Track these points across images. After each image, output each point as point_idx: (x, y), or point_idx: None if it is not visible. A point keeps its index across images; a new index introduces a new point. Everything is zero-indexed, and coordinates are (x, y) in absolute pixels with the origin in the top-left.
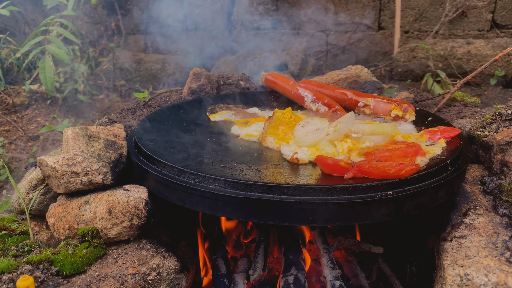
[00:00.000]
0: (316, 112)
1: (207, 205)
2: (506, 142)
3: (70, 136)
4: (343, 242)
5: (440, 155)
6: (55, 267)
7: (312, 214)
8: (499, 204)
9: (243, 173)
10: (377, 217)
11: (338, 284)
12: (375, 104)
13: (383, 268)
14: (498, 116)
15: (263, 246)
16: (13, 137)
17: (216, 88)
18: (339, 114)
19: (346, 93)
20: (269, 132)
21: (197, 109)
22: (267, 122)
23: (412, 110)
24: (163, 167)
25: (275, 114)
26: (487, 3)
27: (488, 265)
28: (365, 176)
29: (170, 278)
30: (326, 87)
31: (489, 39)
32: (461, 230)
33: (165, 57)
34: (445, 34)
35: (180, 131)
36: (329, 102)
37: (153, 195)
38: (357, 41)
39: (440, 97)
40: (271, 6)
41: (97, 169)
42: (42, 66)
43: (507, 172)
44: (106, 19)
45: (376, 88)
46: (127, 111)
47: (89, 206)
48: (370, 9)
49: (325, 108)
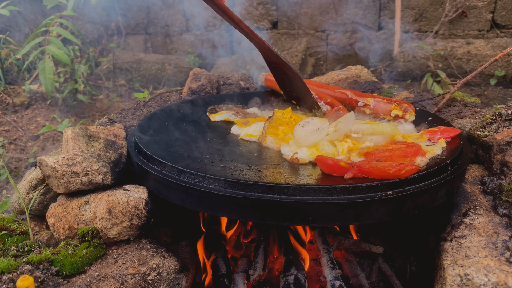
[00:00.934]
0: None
1: (207, 205)
2: (506, 142)
3: (70, 136)
4: (343, 242)
5: (440, 155)
6: (55, 267)
7: (312, 214)
8: (499, 204)
9: (243, 173)
10: (377, 217)
11: (338, 284)
12: (375, 104)
13: (383, 268)
14: (498, 116)
15: (263, 246)
16: (13, 137)
17: (216, 88)
18: (341, 113)
19: (346, 93)
20: (269, 132)
21: (197, 109)
22: (267, 122)
23: (412, 110)
24: (163, 167)
25: (275, 114)
26: (487, 3)
27: (488, 265)
28: (365, 176)
29: (170, 278)
30: (326, 87)
31: (489, 39)
32: (461, 230)
33: (165, 57)
34: (445, 34)
35: (180, 131)
36: (332, 101)
37: (153, 195)
38: (357, 41)
39: (440, 97)
40: (271, 6)
41: (97, 169)
42: (42, 67)
43: (507, 172)
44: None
45: (376, 88)
46: (127, 111)
47: (89, 206)
48: (370, 9)
49: (327, 107)
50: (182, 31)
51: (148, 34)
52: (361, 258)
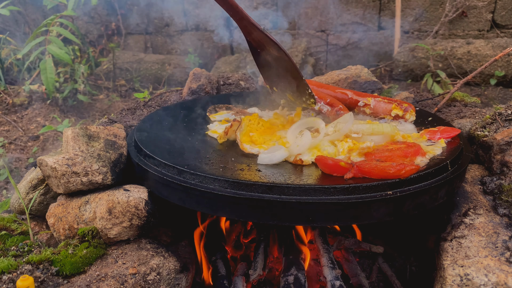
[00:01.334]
0: (318, 112)
1: (207, 205)
2: (506, 142)
3: (70, 136)
4: (343, 242)
5: (440, 155)
6: (55, 267)
7: (312, 214)
8: (499, 204)
9: (243, 173)
10: (377, 217)
11: (338, 284)
12: (375, 103)
13: (383, 268)
14: (498, 116)
15: (263, 246)
16: (13, 137)
17: (216, 88)
18: (342, 113)
19: (347, 93)
20: (243, 140)
21: (197, 109)
22: (237, 131)
23: (412, 110)
24: (163, 167)
25: (243, 121)
26: (487, 3)
27: (488, 265)
28: (365, 176)
29: (170, 278)
30: (326, 87)
31: (489, 39)
32: (461, 230)
33: (165, 57)
34: (445, 34)
35: (180, 131)
36: (332, 101)
37: (153, 195)
38: (357, 41)
39: (440, 97)
40: (271, 6)
41: (97, 169)
42: (43, 67)
43: (507, 172)
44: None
45: (376, 88)
46: (127, 111)
47: (89, 206)
48: (370, 9)
49: (328, 108)
50: (182, 31)
51: (148, 34)
52: (361, 258)
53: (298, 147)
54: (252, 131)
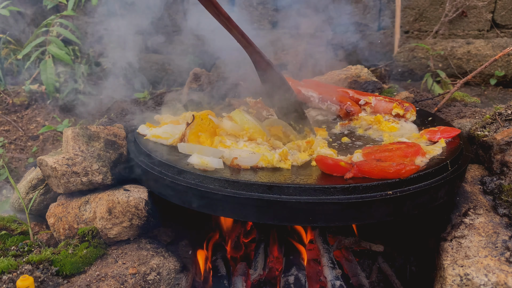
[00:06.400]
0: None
1: (207, 205)
2: (506, 142)
3: (70, 136)
4: (343, 242)
5: (440, 155)
6: (55, 267)
7: (312, 214)
8: (499, 204)
9: (243, 173)
10: (377, 217)
11: (338, 284)
12: (376, 102)
13: (383, 268)
14: (498, 116)
15: (263, 245)
16: (13, 137)
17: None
18: (352, 110)
19: (348, 92)
20: (190, 140)
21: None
22: (188, 129)
23: (413, 109)
24: (163, 167)
25: (195, 120)
26: (487, 3)
27: (488, 265)
28: (365, 176)
29: (170, 278)
30: (326, 86)
31: (489, 39)
32: (461, 230)
33: (165, 57)
34: (445, 34)
35: None
36: (340, 99)
37: (153, 195)
38: (357, 41)
39: (440, 97)
40: (271, 6)
41: (97, 169)
42: (43, 67)
43: (507, 172)
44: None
45: (376, 88)
46: (127, 111)
47: (89, 206)
48: (370, 9)
49: (336, 107)
50: (182, 31)
51: (148, 34)
52: (361, 258)
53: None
54: (202, 131)
